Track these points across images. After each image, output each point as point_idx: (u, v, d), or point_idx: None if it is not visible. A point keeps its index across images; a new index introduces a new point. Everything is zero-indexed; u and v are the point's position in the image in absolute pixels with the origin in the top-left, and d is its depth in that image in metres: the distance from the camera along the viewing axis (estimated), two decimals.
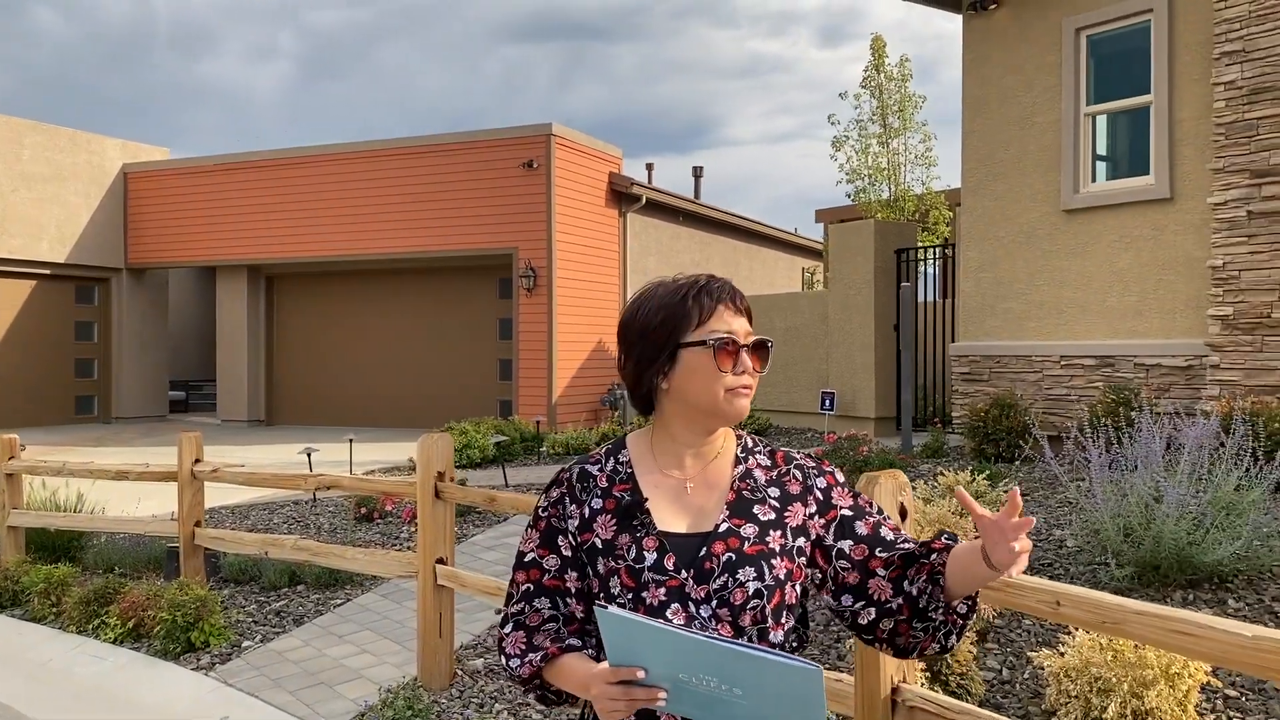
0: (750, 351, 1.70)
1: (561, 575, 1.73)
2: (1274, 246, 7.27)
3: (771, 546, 1.68)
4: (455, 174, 16.41)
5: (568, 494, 1.77)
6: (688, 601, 1.63)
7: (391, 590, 6.52)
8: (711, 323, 1.69)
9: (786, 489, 1.76)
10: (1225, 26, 7.55)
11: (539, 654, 1.71)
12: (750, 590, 1.63)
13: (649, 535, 1.68)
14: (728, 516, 1.70)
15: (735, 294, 1.75)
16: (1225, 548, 4.54)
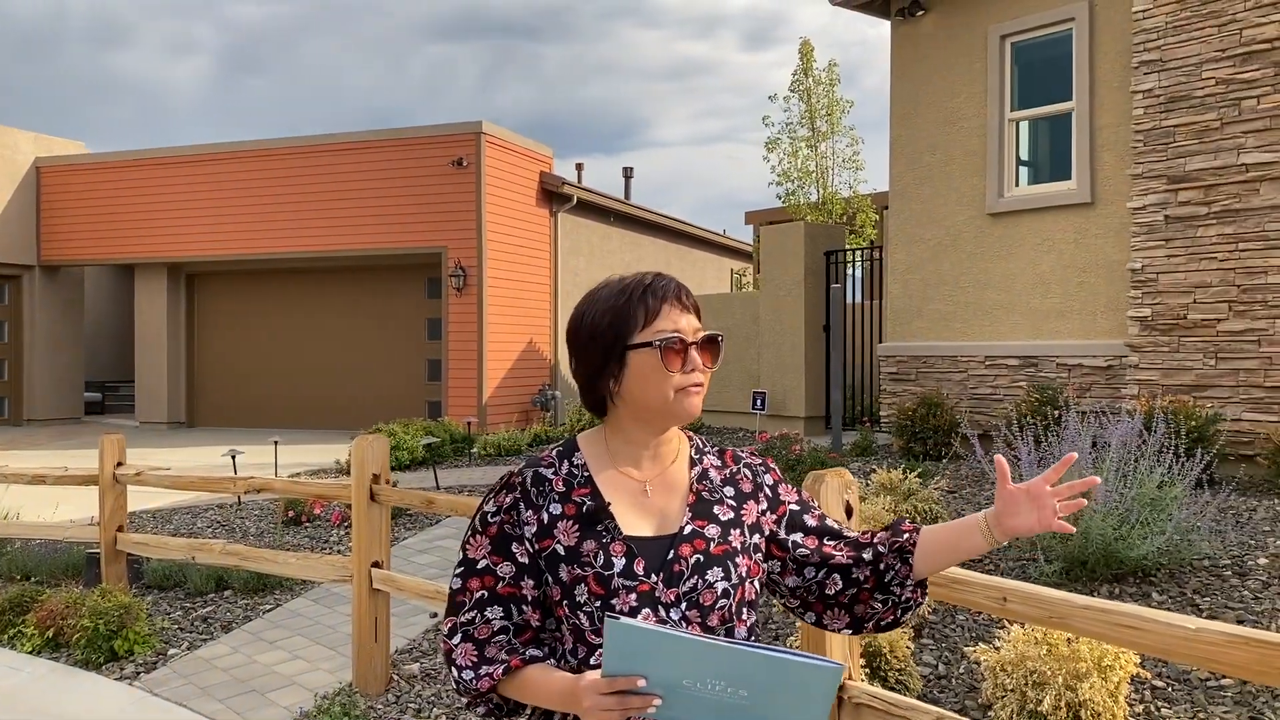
0: (700, 348, 1.68)
1: (517, 583, 1.66)
2: (1190, 251, 7.51)
3: (734, 545, 1.69)
4: (383, 171, 16.18)
5: (522, 499, 1.70)
6: (658, 605, 1.60)
7: (323, 595, 6.40)
8: (658, 322, 1.67)
9: (740, 487, 1.77)
10: (1143, 36, 7.78)
11: (499, 666, 1.64)
12: (719, 590, 1.63)
13: (615, 540, 1.64)
14: (691, 518, 1.69)
15: (682, 291, 1.73)
16: (1150, 542, 4.67)
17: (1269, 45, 7.08)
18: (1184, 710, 3.66)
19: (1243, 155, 7.20)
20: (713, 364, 1.70)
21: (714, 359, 1.71)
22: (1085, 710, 3.51)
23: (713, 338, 1.71)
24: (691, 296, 1.75)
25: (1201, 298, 7.45)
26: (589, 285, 7.86)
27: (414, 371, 17.38)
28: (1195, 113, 7.46)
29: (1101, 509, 4.73)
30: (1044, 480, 1.65)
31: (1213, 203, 7.37)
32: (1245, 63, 7.20)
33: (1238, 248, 7.24)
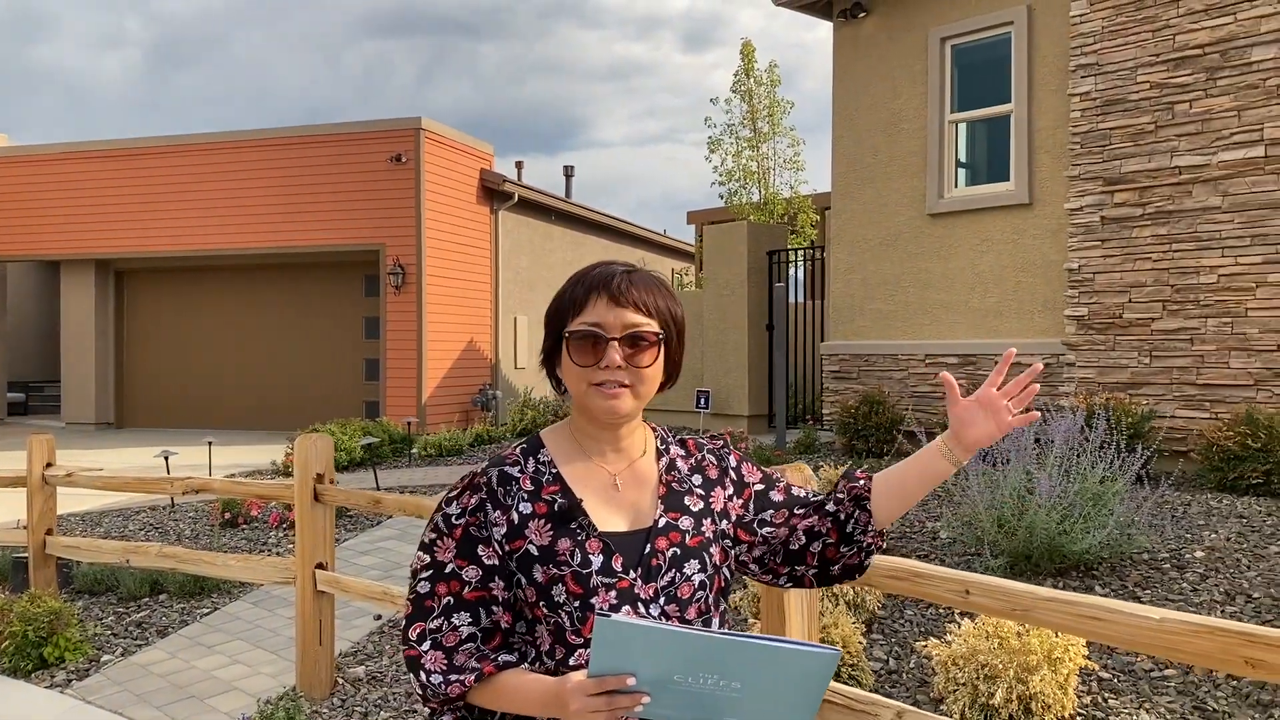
0: (626, 345, 1.59)
1: (485, 585, 1.60)
2: (1125, 251, 7.67)
3: (707, 535, 1.66)
4: (320, 167, 15.92)
5: (488, 499, 1.63)
6: (637, 602, 1.57)
7: (262, 598, 6.26)
8: (585, 314, 1.61)
9: (706, 474, 1.74)
10: (1080, 41, 7.93)
11: (472, 674, 1.58)
12: (696, 583, 1.61)
13: (591, 538, 1.60)
14: (663, 511, 1.65)
15: (620, 283, 1.62)
16: (1094, 536, 4.75)
17: (1201, 51, 7.25)
18: (1130, 700, 3.72)
19: (1176, 158, 7.37)
20: (644, 363, 1.61)
21: (643, 357, 1.61)
22: (1036, 702, 3.55)
23: (636, 335, 1.60)
24: (637, 291, 1.63)
25: (1136, 297, 7.61)
26: (530, 284, 7.96)
27: (351, 371, 17.12)
28: (1130, 116, 7.62)
29: (1046, 504, 4.80)
30: (990, 385, 1.67)
31: (1147, 204, 7.53)
32: (1178, 68, 7.37)
33: (1171, 248, 7.41)
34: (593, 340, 1.60)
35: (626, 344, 1.60)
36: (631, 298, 1.61)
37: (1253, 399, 6.95)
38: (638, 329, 1.60)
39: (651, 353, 1.62)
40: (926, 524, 6.21)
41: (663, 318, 1.65)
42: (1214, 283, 7.19)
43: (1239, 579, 4.77)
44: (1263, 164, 6.95)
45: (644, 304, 1.62)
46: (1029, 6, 8.53)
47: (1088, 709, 3.69)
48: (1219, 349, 7.17)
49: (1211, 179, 7.19)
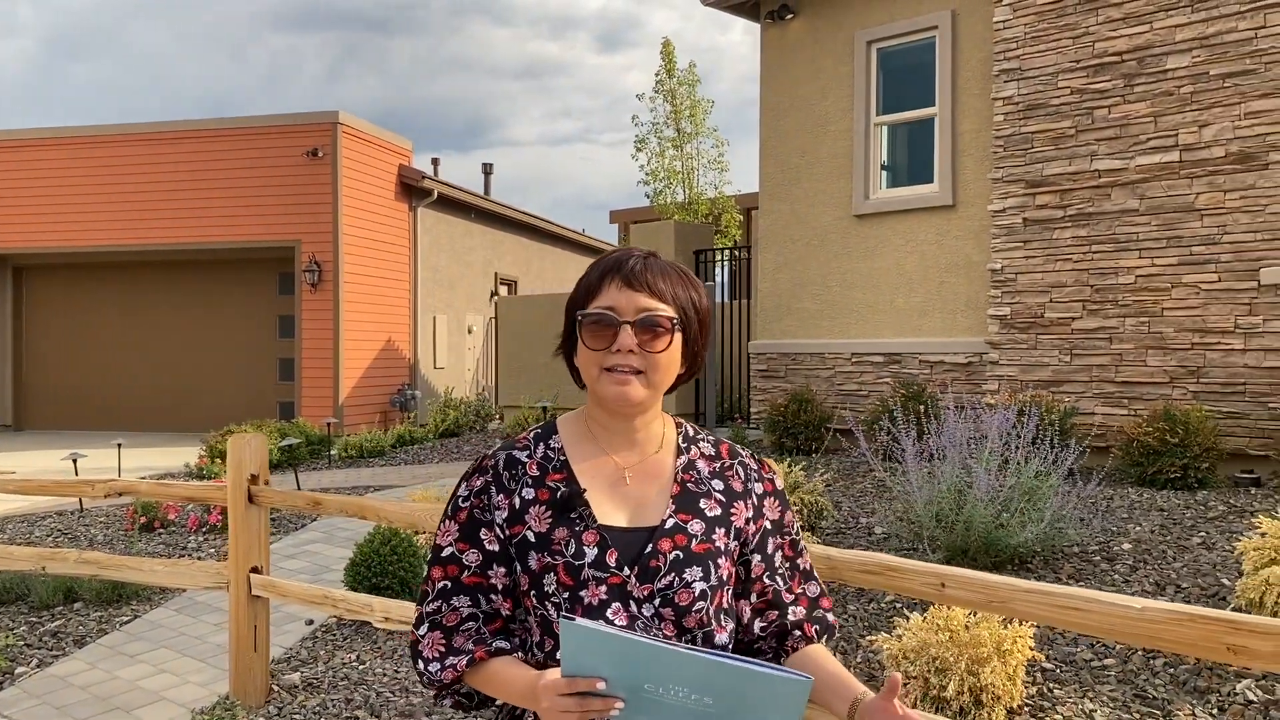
0: (637, 330, 1.54)
1: (484, 571, 1.59)
2: (1047, 252, 7.86)
3: (718, 545, 1.59)
4: (232, 161, 15.48)
5: (493, 483, 1.62)
6: (629, 600, 1.52)
7: (186, 604, 6.04)
8: (599, 298, 1.58)
9: (730, 484, 1.67)
10: (1003, 46, 8.10)
11: (463, 658, 1.57)
12: (696, 591, 1.54)
13: (589, 529, 1.55)
14: (674, 511, 1.59)
15: (634, 266, 1.59)
16: (1030, 530, 4.84)
17: (1119, 58, 7.47)
18: (1074, 690, 3.79)
19: (1095, 161, 7.58)
20: (657, 348, 1.56)
21: (657, 342, 1.56)
22: (986, 694, 3.59)
23: (650, 320, 1.55)
24: (654, 276, 1.58)
25: (1057, 297, 7.81)
26: (449, 283, 7.85)
27: (265, 371, 16.69)
28: (1052, 120, 7.81)
29: (985, 499, 4.88)
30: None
31: (1068, 206, 7.73)
32: (1098, 74, 7.58)
33: (1091, 250, 7.62)
34: (607, 323, 1.55)
35: (640, 328, 1.55)
36: (646, 282, 1.57)
37: (1169, 396, 7.18)
38: (651, 313, 1.56)
39: (665, 338, 1.57)
40: (861, 520, 6.28)
41: (679, 304, 1.60)
42: (1131, 283, 7.42)
43: (1166, 569, 4.92)
44: (1178, 168, 7.19)
45: (659, 289, 1.58)
46: (953, 12, 8.69)
47: (1034, 699, 3.75)
48: (1136, 348, 7.40)
49: (1129, 182, 7.42)
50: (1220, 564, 4.91)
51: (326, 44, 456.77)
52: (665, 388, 1.62)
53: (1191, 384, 7.13)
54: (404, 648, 5.09)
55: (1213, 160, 7.04)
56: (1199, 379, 7.09)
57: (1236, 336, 6.93)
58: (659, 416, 1.67)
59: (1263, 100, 6.84)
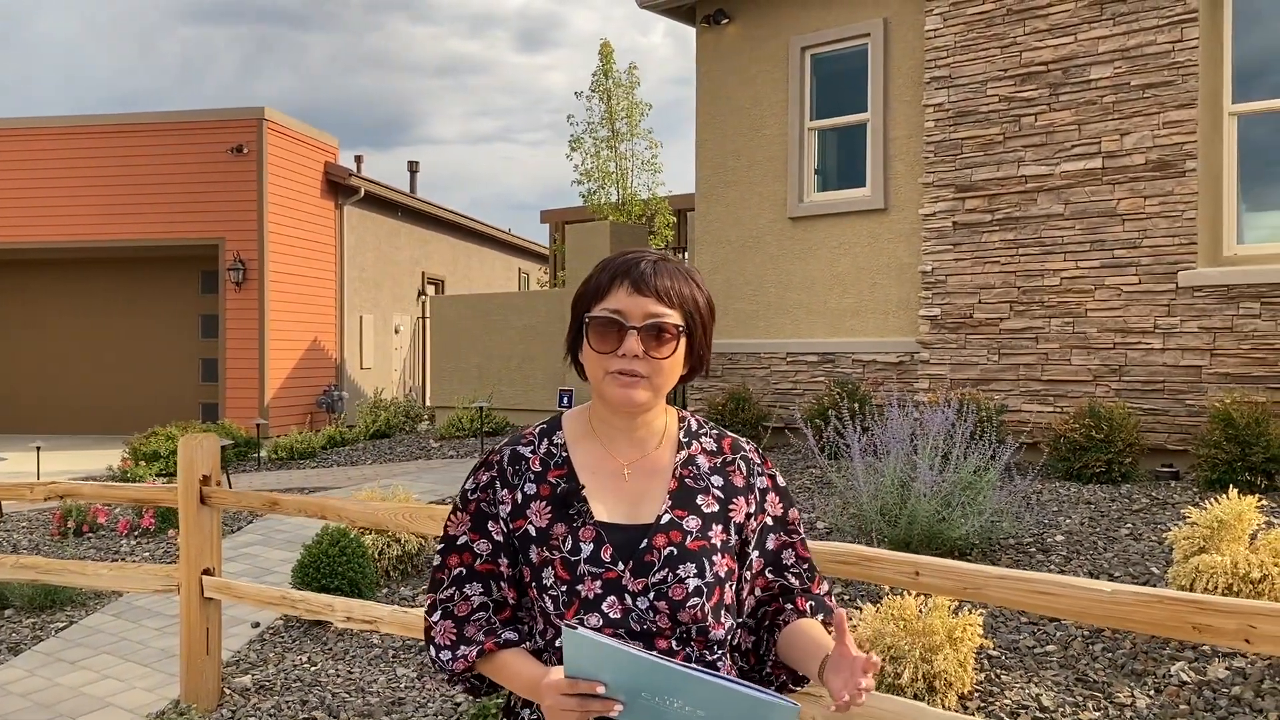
0: (643, 335, 1.57)
1: (494, 560, 1.64)
2: (975, 255, 8.10)
3: (714, 542, 1.62)
4: (154, 157, 15.12)
5: (498, 477, 1.67)
6: (624, 594, 1.56)
7: (125, 609, 5.93)
8: (607, 300, 1.60)
9: (731, 480, 1.70)
10: (934, 54, 8.34)
11: (474, 648, 1.62)
12: (690, 587, 1.57)
13: (586, 525, 1.60)
14: (670, 507, 1.63)
15: (644, 270, 1.61)
16: (971, 523, 5.01)
17: (1044, 68, 7.74)
18: (1020, 675, 3.95)
19: (1022, 167, 7.84)
20: (662, 354, 1.59)
21: (662, 348, 1.59)
22: (939, 680, 3.73)
23: (657, 326, 1.58)
24: (664, 280, 1.60)
25: (986, 298, 8.06)
26: (376, 282, 7.88)
27: (187, 372, 16.33)
28: (981, 127, 8.06)
29: (928, 493, 5.03)
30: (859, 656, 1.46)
31: (996, 211, 7.98)
32: (1024, 82, 7.84)
33: (1018, 252, 7.88)
34: (613, 328, 1.58)
35: (647, 334, 1.58)
36: (655, 287, 1.60)
37: (1092, 393, 7.47)
38: (659, 319, 1.58)
39: (671, 345, 1.60)
40: (804, 514, 6.42)
41: (686, 308, 1.63)
42: (1057, 285, 7.69)
43: (1098, 560, 5.13)
44: (1100, 175, 7.48)
45: (667, 294, 1.60)
46: (885, 20, 8.91)
47: (983, 685, 3.90)
48: (1061, 347, 7.68)
49: (1054, 188, 7.69)
50: (1148, 553, 5.14)
51: (240, 38, 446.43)
52: (668, 389, 1.67)
53: (1114, 382, 7.42)
54: (355, 648, 5.08)
55: (1133, 167, 7.34)
56: (1121, 377, 7.39)
57: (1156, 336, 7.24)
58: (661, 413, 1.71)
59: (1180, 110, 7.16)
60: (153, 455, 10.89)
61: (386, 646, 5.04)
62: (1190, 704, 3.61)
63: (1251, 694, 3.61)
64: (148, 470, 10.38)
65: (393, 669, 4.77)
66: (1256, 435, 6.17)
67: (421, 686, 4.54)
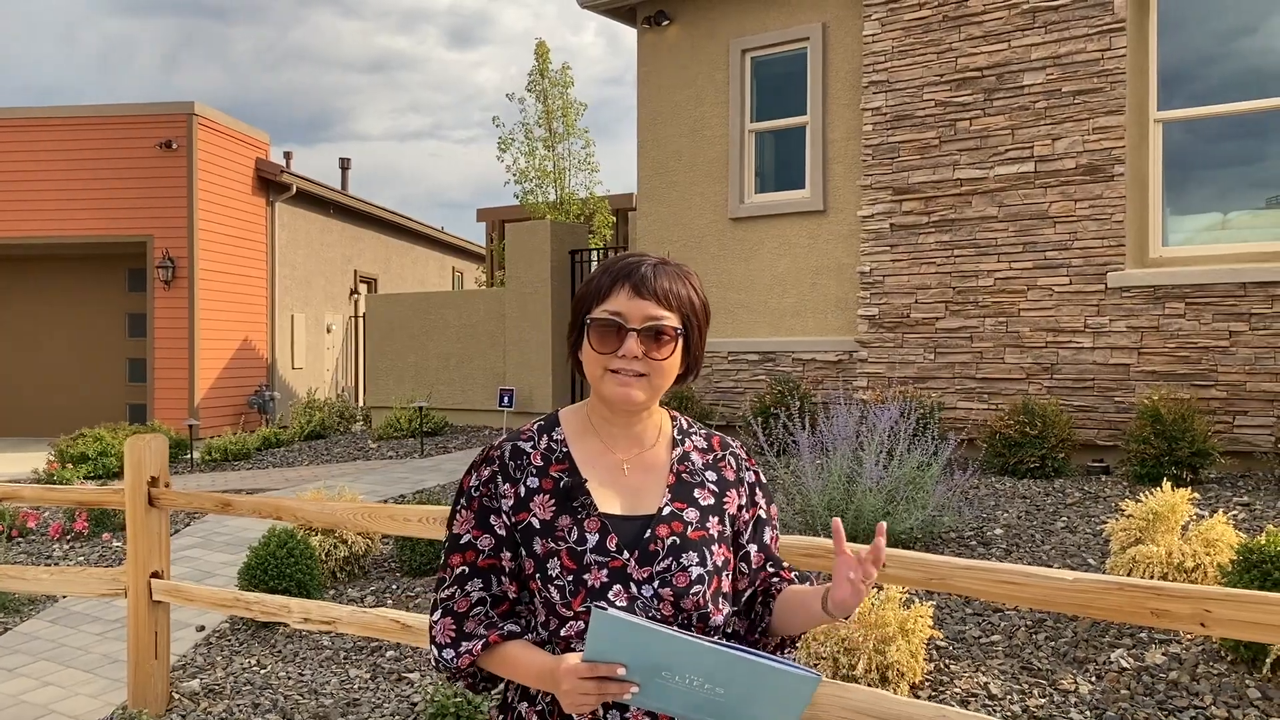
0: (643, 337, 1.63)
1: (497, 554, 1.68)
2: (912, 255, 8.28)
3: (711, 533, 1.69)
4: (78, 152, 14.71)
5: (500, 472, 1.70)
6: (629, 582, 1.62)
7: (61, 615, 5.79)
8: (608, 302, 1.65)
9: (723, 474, 1.77)
10: (872, 59, 8.49)
11: (478, 643, 1.65)
12: (693, 575, 1.63)
13: (590, 517, 1.65)
14: (670, 500, 1.69)
15: (644, 275, 1.66)
16: (915, 516, 5.14)
17: (979, 74, 7.94)
18: (967, 665, 4.07)
19: (958, 171, 8.03)
20: (661, 356, 1.64)
21: (661, 350, 1.64)
22: (892, 670, 3.82)
23: (656, 329, 1.63)
24: (663, 283, 1.66)
25: (923, 298, 8.24)
26: (307, 280, 7.87)
27: (114, 372, 15.93)
28: (918, 130, 8.24)
29: (874, 488, 5.15)
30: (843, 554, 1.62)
31: (932, 213, 8.17)
32: (960, 88, 8.03)
33: (953, 254, 8.07)
34: (613, 329, 1.63)
35: (646, 336, 1.63)
36: (654, 290, 1.65)
37: (1025, 391, 7.68)
38: (658, 322, 1.64)
39: (669, 346, 1.65)
40: None
41: (684, 311, 1.68)
42: (991, 285, 7.89)
43: (1037, 551, 5.30)
44: (1033, 179, 7.70)
45: (666, 297, 1.66)
46: (824, 24, 9.05)
47: (933, 675, 4.00)
48: (995, 346, 7.88)
49: (989, 191, 7.89)
50: (1084, 545, 5.32)
51: (163, 30, 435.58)
52: (665, 389, 1.72)
53: (1046, 380, 7.64)
54: (305, 650, 5.03)
55: (1064, 171, 7.57)
56: (1053, 375, 7.62)
57: (1086, 335, 7.47)
58: (656, 411, 1.77)
59: (1109, 117, 7.40)
60: (80, 457, 10.62)
61: (337, 648, 5.01)
62: (1130, 689, 3.76)
63: (1188, 678, 3.77)
64: (75, 473, 10.12)
65: (345, 670, 4.74)
66: (1183, 431, 6.40)
67: (375, 688, 4.52)
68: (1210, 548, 4.18)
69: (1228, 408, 6.93)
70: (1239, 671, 3.76)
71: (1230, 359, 6.93)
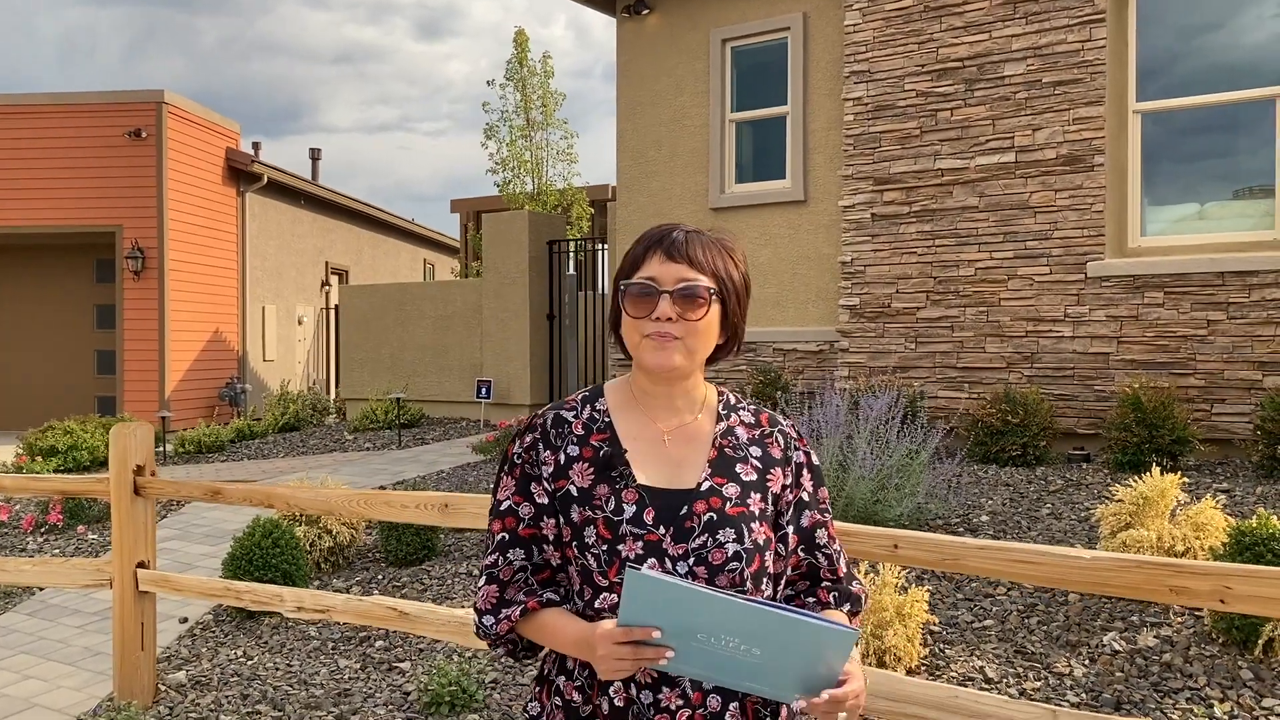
0: (676, 299, 1.62)
1: (537, 523, 1.68)
2: (893, 245, 8.31)
3: (752, 510, 1.66)
4: (45, 140, 14.47)
5: (541, 440, 1.71)
6: (664, 557, 1.60)
7: (39, 608, 5.69)
8: (642, 269, 1.66)
9: (769, 451, 1.74)
10: (854, 49, 8.50)
11: (516, 608, 1.66)
12: (729, 552, 1.61)
13: (629, 488, 1.64)
14: (710, 475, 1.67)
15: (676, 240, 1.67)
16: (906, 503, 5.15)
17: (960, 64, 7.97)
18: (962, 649, 4.09)
19: (939, 161, 8.06)
20: (695, 316, 1.63)
21: (695, 310, 1.63)
22: (889, 655, 3.83)
23: (687, 290, 1.63)
24: (695, 248, 1.66)
25: (904, 288, 8.27)
26: (278, 271, 7.82)
27: (82, 364, 15.70)
28: (899, 121, 8.26)
29: (867, 475, 5.16)
30: None
31: (913, 203, 8.19)
32: (941, 78, 8.06)
33: (934, 244, 8.11)
34: (648, 293, 1.64)
35: (678, 297, 1.63)
36: (686, 254, 1.65)
37: (1006, 379, 7.73)
38: (690, 283, 1.63)
39: (703, 307, 1.64)
40: None
41: (719, 276, 1.68)
42: (972, 275, 7.93)
43: (1024, 538, 5.33)
44: (1014, 169, 7.74)
45: (698, 261, 1.66)
46: (805, 14, 9.05)
47: (929, 659, 4.02)
48: (976, 335, 7.92)
49: (970, 181, 7.93)
50: (1070, 531, 5.36)
51: (127, 20, 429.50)
52: (704, 355, 1.70)
53: (1026, 369, 7.70)
54: (292, 641, 4.98)
55: (1045, 162, 7.62)
56: (1033, 364, 7.67)
57: (1066, 325, 7.53)
58: (700, 384, 1.76)
59: (1089, 107, 7.45)
60: (50, 450, 10.45)
61: (325, 639, 4.95)
62: (1124, 671, 3.79)
63: (1180, 660, 3.80)
64: (45, 466, 9.97)
65: (334, 660, 4.69)
66: (1163, 418, 6.47)
67: (366, 678, 4.47)
68: (1200, 532, 4.22)
69: (1206, 396, 7.01)
70: (1230, 653, 3.80)
71: (1208, 348, 7.01)
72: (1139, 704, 3.57)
